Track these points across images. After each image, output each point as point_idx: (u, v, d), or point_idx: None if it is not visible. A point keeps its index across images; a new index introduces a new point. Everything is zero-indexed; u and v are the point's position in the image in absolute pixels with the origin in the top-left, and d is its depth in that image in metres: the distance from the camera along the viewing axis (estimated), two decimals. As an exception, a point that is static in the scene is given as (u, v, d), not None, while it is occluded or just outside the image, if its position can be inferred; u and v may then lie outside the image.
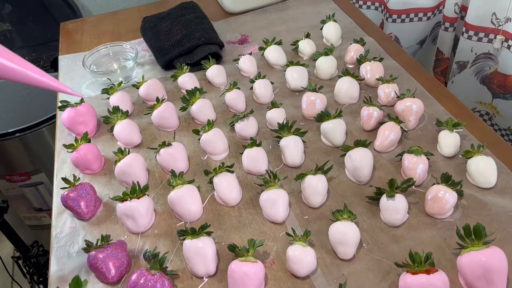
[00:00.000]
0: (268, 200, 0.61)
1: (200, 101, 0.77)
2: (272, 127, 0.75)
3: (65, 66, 0.99)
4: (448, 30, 1.11)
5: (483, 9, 0.97)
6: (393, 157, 0.69)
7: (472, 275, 0.50)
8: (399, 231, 0.59)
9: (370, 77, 0.82)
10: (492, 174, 0.63)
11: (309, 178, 0.62)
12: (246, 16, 1.11)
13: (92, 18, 1.18)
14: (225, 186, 0.64)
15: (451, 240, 0.57)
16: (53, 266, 0.60)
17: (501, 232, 0.57)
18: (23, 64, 0.42)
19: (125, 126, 0.74)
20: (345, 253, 0.56)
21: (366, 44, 0.91)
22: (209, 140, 0.70)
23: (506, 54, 0.97)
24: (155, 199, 0.67)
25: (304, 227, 0.61)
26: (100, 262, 0.55)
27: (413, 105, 0.71)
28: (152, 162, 0.73)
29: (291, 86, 0.84)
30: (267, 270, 0.56)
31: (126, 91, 0.86)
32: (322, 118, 0.71)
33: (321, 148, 0.72)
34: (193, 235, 0.55)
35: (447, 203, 0.59)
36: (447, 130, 0.69)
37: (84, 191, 0.64)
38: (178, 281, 0.56)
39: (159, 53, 0.93)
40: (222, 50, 0.97)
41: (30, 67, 0.42)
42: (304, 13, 1.09)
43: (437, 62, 1.20)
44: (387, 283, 0.54)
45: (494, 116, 1.08)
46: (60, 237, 0.63)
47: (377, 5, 1.26)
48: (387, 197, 0.59)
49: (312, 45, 0.92)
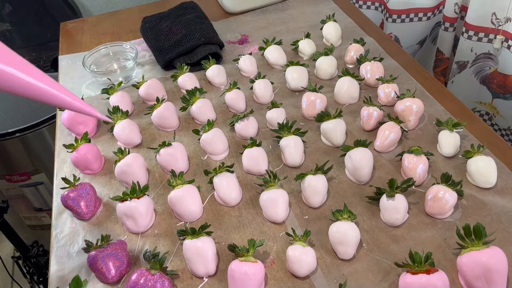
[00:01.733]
0: (268, 200, 0.61)
1: (200, 101, 0.77)
2: (272, 127, 0.75)
3: (65, 66, 0.99)
4: (448, 30, 1.11)
5: (483, 9, 0.97)
6: (393, 157, 0.69)
7: (472, 275, 0.50)
8: (399, 231, 0.59)
9: (370, 77, 0.82)
10: (492, 174, 0.63)
11: (309, 178, 0.62)
12: (246, 16, 1.11)
13: (92, 18, 1.18)
14: (225, 186, 0.64)
15: (451, 240, 0.57)
16: (53, 266, 0.60)
17: (501, 232, 0.57)
18: (55, 86, 0.41)
19: (125, 126, 0.74)
20: (345, 253, 0.56)
21: (366, 44, 0.91)
22: (209, 140, 0.70)
23: (506, 54, 0.97)
24: (155, 199, 0.67)
25: (304, 227, 0.61)
26: (100, 262, 0.55)
27: (413, 105, 0.71)
28: (152, 162, 0.73)
29: (291, 86, 0.84)
30: (267, 270, 0.56)
31: (126, 91, 0.86)
32: (322, 118, 0.71)
33: (321, 148, 0.72)
34: (193, 235, 0.55)
35: (447, 203, 0.59)
36: (447, 130, 0.69)
37: (84, 191, 0.64)
38: (178, 281, 0.56)
39: (159, 53, 0.93)
40: (222, 50, 0.97)
41: (62, 90, 0.42)
42: (304, 13, 1.09)
43: (437, 62, 1.20)
44: (387, 283, 0.54)
45: (494, 116, 1.08)
46: (60, 237, 0.63)
47: (377, 5, 1.26)
48: (387, 197, 0.59)
49: (312, 45, 0.92)
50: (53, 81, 0.42)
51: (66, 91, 0.42)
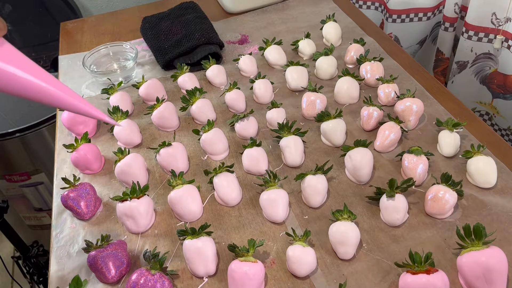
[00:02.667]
0: (268, 200, 0.61)
1: (200, 101, 0.77)
2: (272, 127, 0.75)
3: (65, 66, 0.99)
4: (448, 30, 1.11)
5: (483, 9, 0.97)
6: (393, 157, 0.69)
7: (472, 275, 0.50)
8: (399, 231, 0.59)
9: (370, 77, 0.82)
10: (492, 174, 0.63)
11: (309, 178, 0.62)
12: (246, 16, 1.11)
13: (92, 18, 1.18)
14: (225, 186, 0.64)
15: (451, 240, 0.57)
16: (53, 266, 0.60)
17: (501, 232, 0.57)
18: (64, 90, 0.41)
19: (125, 126, 0.74)
20: (345, 253, 0.56)
21: (366, 44, 0.91)
22: (209, 140, 0.70)
23: (506, 54, 0.97)
24: (155, 199, 0.67)
25: (304, 227, 0.61)
26: (100, 262, 0.55)
27: (413, 105, 0.71)
28: (152, 162, 0.73)
29: (291, 86, 0.84)
30: (267, 270, 0.56)
31: (126, 91, 0.86)
32: (322, 118, 0.71)
33: (321, 148, 0.72)
34: (193, 235, 0.55)
35: (447, 203, 0.59)
36: (447, 130, 0.69)
37: (84, 191, 0.64)
38: (178, 281, 0.56)
39: (159, 53, 0.93)
40: (222, 50, 0.97)
41: (70, 92, 0.41)
42: (304, 13, 1.09)
43: (437, 62, 1.20)
44: (387, 283, 0.54)
45: (494, 116, 1.08)
46: (60, 237, 0.63)
47: (377, 5, 1.26)
48: (387, 197, 0.59)
49: (312, 45, 0.92)
50: (60, 84, 0.41)
51: (73, 94, 0.42)
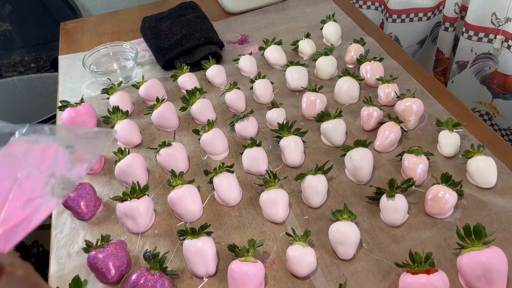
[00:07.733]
0: (268, 200, 0.61)
1: (200, 101, 0.77)
2: (272, 127, 0.75)
3: (65, 66, 0.99)
4: (448, 30, 1.11)
5: (483, 9, 0.97)
6: (393, 157, 0.69)
7: (472, 275, 0.50)
8: (399, 231, 0.59)
9: (370, 77, 0.82)
10: (492, 174, 0.63)
11: (309, 178, 0.62)
12: (246, 16, 1.11)
13: (92, 18, 1.18)
14: (225, 186, 0.64)
15: (451, 240, 0.57)
16: (53, 266, 0.60)
17: (501, 232, 0.57)
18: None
19: (125, 126, 0.74)
20: (345, 253, 0.56)
21: (366, 44, 0.91)
22: (209, 140, 0.70)
23: (506, 54, 0.97)
24: (155, 199, 0.67)
25: (304, 227, 0.61)
26: (100, 262, 0.55)
27: (413, 105, 0.71)
28: (152, 162, 0.73)
29: (291, 86, 0.84)
30: (267, 270, 0.56)
31: (126, 91, 0.85)
32: (322, 118, 0.71)
33: (321, 148, 0.72)
34: (193, 235, 0.55)
35: (447, 203, 0.59)
36: (447, 130, 0.69)
37: (84, 191, 0.64)
38: (178, 281, 0.56)
39: (159, 53, 0.93)
40: (222, 50, 0.97)
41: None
42: (304, 13, 1.09)
43: (437, 62, 1.20)
44: (387, 283, 0.54)
45: (494, 116, 1.08)
46: (60, 237, 0.63)
47: (377, 5, 1.26)
48: (387, 197, 0.59)
49: (312, 45, 0.92)
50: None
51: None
